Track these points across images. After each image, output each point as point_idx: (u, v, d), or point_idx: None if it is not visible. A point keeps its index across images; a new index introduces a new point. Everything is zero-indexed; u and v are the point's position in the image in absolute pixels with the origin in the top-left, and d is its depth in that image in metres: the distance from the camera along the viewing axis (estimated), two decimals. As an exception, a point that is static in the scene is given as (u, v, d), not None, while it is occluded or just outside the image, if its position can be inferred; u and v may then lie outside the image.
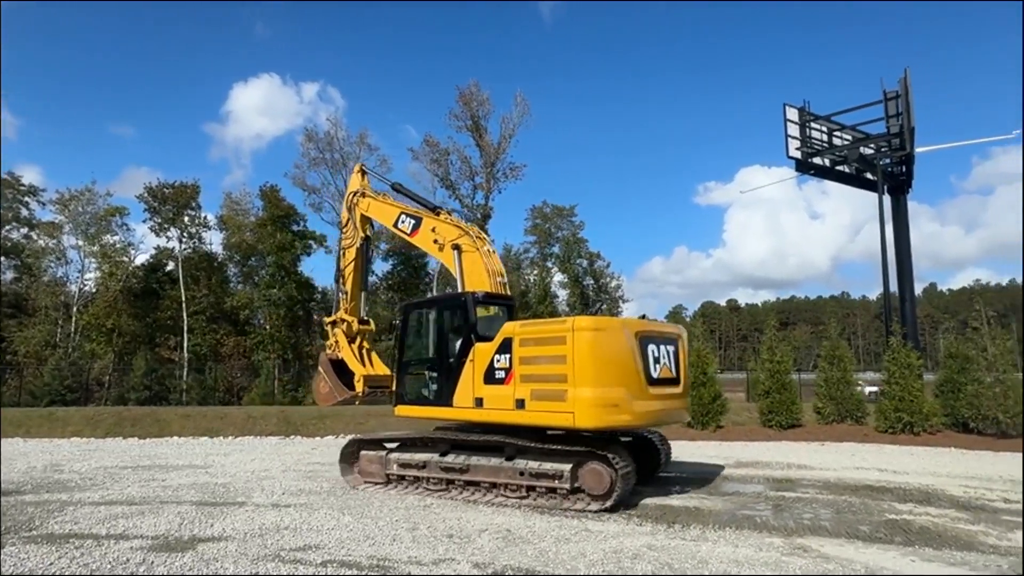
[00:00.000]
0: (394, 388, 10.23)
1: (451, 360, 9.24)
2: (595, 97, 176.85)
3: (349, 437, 11.31)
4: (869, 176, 26.08)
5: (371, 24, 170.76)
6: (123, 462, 13.28)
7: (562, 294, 44.86)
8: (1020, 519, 7.42)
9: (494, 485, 8.58)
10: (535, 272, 45.45)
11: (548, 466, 8.22)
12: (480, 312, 9.37)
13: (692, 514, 7.90)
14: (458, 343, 9.23)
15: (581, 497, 8.14)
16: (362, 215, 11.75)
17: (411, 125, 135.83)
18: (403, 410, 9.89)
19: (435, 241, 10.43)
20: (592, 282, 46.61)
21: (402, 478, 9.49)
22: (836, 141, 27.08)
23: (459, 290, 9.91)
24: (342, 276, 11.88)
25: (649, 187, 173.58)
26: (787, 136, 26.24)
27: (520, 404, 8.29)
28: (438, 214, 10.86)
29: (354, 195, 11.88)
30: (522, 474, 8.31)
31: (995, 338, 19.15)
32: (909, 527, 7.21)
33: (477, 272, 9.91)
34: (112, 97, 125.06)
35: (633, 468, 8.26)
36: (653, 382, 8.40)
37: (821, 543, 6.45)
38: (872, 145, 26.29)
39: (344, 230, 12.10)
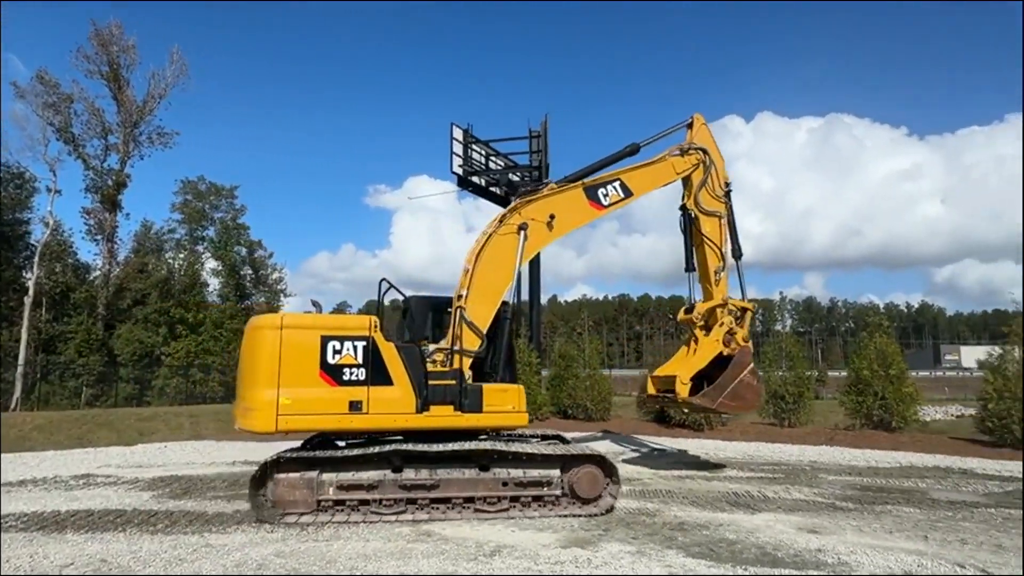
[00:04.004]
0: None
1: None
2: (270, 84, 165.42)
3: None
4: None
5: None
6: None
7: (214, 283, 40.28)
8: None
9: (470, 499, 7.57)
10: (182, 256, 39.83)
11: (536, 473, 7.70)
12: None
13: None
14: None
15: (572, 503, 7.77)
16: None
17: (17, 55, 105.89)
18: None
19: None
20: (251, 272, 42.93)
21: (341, 503, 7.44)
22: (492, 165, 30.57)
23: None
24: None
25: (322, 181, 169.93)
26: (452, 153, 28.58)
27: None
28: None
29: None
30: (505, 484, 7.64)
31: (591, 341, 24.15)
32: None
33: None
34: None
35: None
36: None
37: (443, 527, 7.08)
38: (519, 173, 30.50)
39: None
